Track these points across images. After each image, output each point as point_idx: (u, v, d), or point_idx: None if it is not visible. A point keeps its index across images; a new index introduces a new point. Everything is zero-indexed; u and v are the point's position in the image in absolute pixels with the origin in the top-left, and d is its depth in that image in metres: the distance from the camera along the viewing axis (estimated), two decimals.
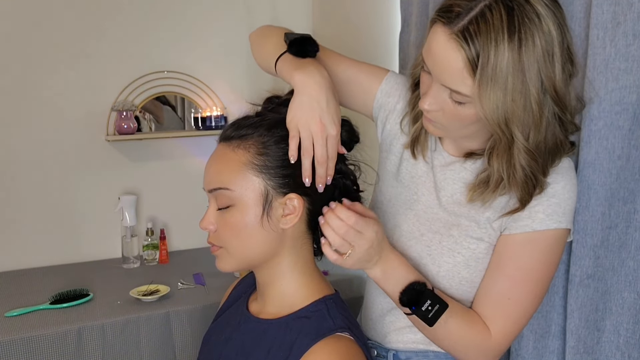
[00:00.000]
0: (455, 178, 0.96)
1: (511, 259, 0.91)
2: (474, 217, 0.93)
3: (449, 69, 0.79)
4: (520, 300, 0.90)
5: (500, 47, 0.74)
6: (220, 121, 2.34)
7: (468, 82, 0.78)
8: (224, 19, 2.40)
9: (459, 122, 0.85)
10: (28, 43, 2.11)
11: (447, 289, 0.95)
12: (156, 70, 2.29)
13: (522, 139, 0.81)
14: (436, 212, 0.97)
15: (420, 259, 0.97)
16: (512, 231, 0.90)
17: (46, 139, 2.17)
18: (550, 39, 0.77)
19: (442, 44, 0.78)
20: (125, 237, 2.18)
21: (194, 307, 1.77)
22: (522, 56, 0.75)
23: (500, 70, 0.75)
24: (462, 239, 0.94)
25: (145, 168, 2.34)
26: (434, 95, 0.84)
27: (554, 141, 0.85)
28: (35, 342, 1.57)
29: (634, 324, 1.00)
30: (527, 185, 0.86)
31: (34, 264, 2.18)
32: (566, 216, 0.89)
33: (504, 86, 0.76)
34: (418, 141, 0.98)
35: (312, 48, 0.93)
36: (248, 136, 0.86)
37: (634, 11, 0.94)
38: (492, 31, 0.74)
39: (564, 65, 0.79)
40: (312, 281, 0.92)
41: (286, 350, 0.84)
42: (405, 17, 1.75)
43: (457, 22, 0.76)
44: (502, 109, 0.78)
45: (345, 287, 1.86)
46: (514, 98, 0.77)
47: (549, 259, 0.91)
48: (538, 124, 0.80)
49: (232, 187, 0.85)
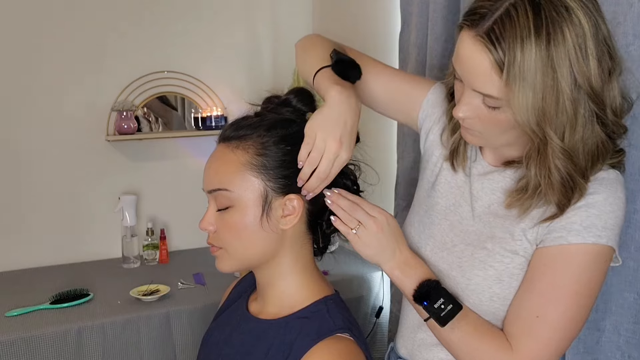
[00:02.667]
0: (494, 188, 0.92)
1: (544, 274, 0.83)
2: (509, 228, 0.88)
3: (478, 72, 0.77)
4: (551, 320, 0.81)
5: (527, 44, 0.72)
6: (220, 121, 2.34)
7: (497, 84, 0.75)
8: (224, 19, 2.40)
9: (496, 128, 0.82)
10: (28, 43, 2.11)
11: (477, 304, 0.89)
12: (156, 70, 2.29)
13: (557, 139, 0.76)
14: (471, 223, 0.93)
15: (450, 271, 0.93)
16: (546, 244, 0.83)
17: (46, 139, 2.17)
18: (581, 32, 0.73)
19: (468, 48, 0.77)
20: (125, 237, 2.18)
21: (194, 307, 1.78)
22: (551, 52, 0.72)
23: (528, 68, 0.72)
24: (496, 252, 0.88)
25: (145, 168, 2.35)
26: (467, 102, 0.81)
27: (593, 142, 0.79)
28: (35, 342, 1.57)
29: (634, 323, 1.00)
30: (565, 188, 0.80)
31: (34, 264, 2.19)
32: (607, 232, 0.80)
33: (533, 85, 0.73)
34: (457, 153, 0.96)
35: (355, 74, 0.93)
36: (247, 137, 0.86)
37: (634, 11, 0.94)
38: (517, 29, 0.72)
39: (600, 60, 0.75)
40: (312, 281, 0.92)
41: (286, 351, 0.84)
42: (405, 17, 1.75)
43: (483, 23, 0.75)
44: (533, 108, 0.74)
45: (345, 287, 1.85)
46: (545, 96, 0.73)
47: (586, 279, 0.81)
48: (573, 122, 0.76)
49: (231, 188, 0.85)
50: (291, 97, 0.92)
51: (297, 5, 2.54)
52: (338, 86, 0.86)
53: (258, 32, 2.48)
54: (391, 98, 1.04)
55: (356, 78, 0.93)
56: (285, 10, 2.52)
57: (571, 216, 0.82)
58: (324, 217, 0.92)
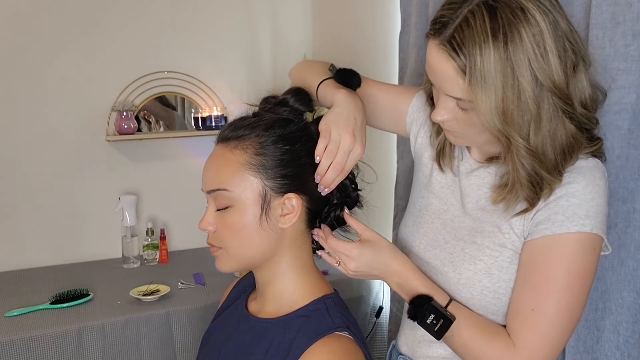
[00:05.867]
0: (480, 183, 0.95)
1: (535, 268, 0.85)
2: (496, 222, 0.90)
3: (445, 78, 0.80)
4: (546, 312, 0.83)
5: (485, 48, 0.74)
6: (220, 121, 2.34)
7: (462, 87, 0.78)
8: (224, 19, 2.40)
9: (473, 129, 0.85)
10: (28, 43, 2.11)
11: (469, 299, 0.92)
12: (156, 70, 2.29)
13: (520, 139, 0.79)
14: (462, 220, 0.96)
15: (442, 267, 0.96)
16: (533, 236, 0.85)
17: (46, 139, 2.18)
18: (538, 30, 0.75)
19: (434, 56, 0.80)
20: (125, 237, 2.18)
21: (194, 307, 1.78)
22: (509, 53, 0.74)
23: (488, 71, 0.75)
24: (485, 246, 0.91)
25: (145, 168, 2.35)
26: (443, 106, 0.85)
27: (563, 136, 0.81)
28: (35, 342, 1.58)
29: (634, 323, 1.00)
30: (532, 184, 0.83)
31: (34, 264, 2.19)
32: (590, 220, 0.82)
33: (494, 86, 0.76)
34: (443, 153, 1.00)
35: (356, 81, 0.98)
36: (245, 137, 0.87)
37: (633, 11, 0.94)
38: (475, 34, 0.75)
39: (561, 56, 0.77)
40: (311, 280, 0.92)
41: (285, 350, 0.84)
42: (405, 17, 1.76)
43: (445, 32, 0.78)
44: (496, 109, 0.77)
45: (344, 287, 1.86)
46: (506, 96, 0.76)
47: (576, 268, 0.83)
48: (537, 120, 0.78)
49: (230, 188, 0.85)
50: (288, 97, 0.93)
51: (297, 5, 2.55)
52: (343, 90, 0.93)
53: (258, 32, 2.48)
54: (380, 109, 1.08)
55: (357, 85, 0.98)
56: (285, 11, 2.52)
57: (553, 207, 0.84)
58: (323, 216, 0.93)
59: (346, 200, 0.95)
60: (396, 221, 1.86)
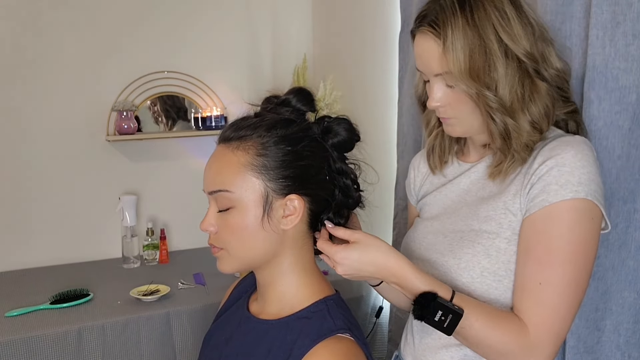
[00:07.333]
0: (473, 179, 1.01)
1: (537, 242, 0.87)
2: (492, 205, 0.94)
3: (430, 56, 0.90)
4: (553, 284, 0.84)
5: (455, 21, 0.87)
6: (220, 121, 2.34)
7: (442, 59, 0.89)
8: (225, 19, 2.40)
9: (464, 107, 0.92)
10: (28, 43, 2.11)
11: (470, 283, 0.93)
12: (156, 70, 2.29)
13: (489, 93, 0.87)
14: (461, 213, 1.00)
15: (443, 256, 0.98)
16: (531, 211, 0.88)
17: (46, 139, 2.18)
18: (500, 4, 0.88)
19: (420, 43, 0.92)
20: (125, 237, 2.18)
21: (194, 307, 1.78)
22: (475, 21, 0.87)
23: (457, 38, 0.87)
24: (483, 230, 0.94)
25: (145, 168, 2.35)
26: (435, 90, 0.93)
27: (534, 91, 0.89)
28: (35, 342, 1.57)
29: (634, 323, 1.00)
30: (502, 136, 0.91)
31: (34, 264, 2.19)
32: (583, 186, 0.84)
33: (462, 50, 0.87)
34: (433, 152, 1.08)
35: None
36: (247, 137, 0.86)
37: (634, 11, 0.94)
38: (447, 13, 0.88)
39: (524, 26, 0.89)
40: (312, 281, 0.92)
41: (287, 351, 0.84)
42: (405, 17, 1.76)
43: (426, 20, 0.91)
44: (467, 69, 0.87)
45: (345, 287, 1.86)
46: (474, 57, 0.87)
47: (577, 237, 0.84)
48: (504, 75, 0.87)
49: (232, 189, 0.85)
50: (290, 97, 0.92)
51: (297, 5, 2.55)
52: None
53: (258, 33, 2.48)
54: None
55: None
56: (285, 10, 2.52)
57: (546, 178, 0.87)
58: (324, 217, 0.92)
59: (348, 200, 0.94)
60: (396, 221, 1.86)
